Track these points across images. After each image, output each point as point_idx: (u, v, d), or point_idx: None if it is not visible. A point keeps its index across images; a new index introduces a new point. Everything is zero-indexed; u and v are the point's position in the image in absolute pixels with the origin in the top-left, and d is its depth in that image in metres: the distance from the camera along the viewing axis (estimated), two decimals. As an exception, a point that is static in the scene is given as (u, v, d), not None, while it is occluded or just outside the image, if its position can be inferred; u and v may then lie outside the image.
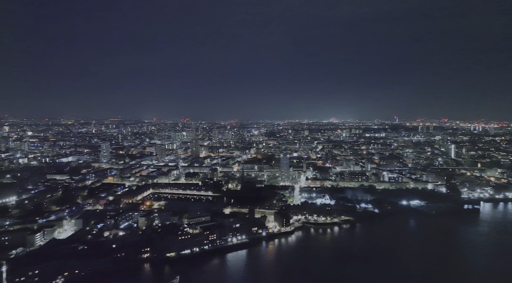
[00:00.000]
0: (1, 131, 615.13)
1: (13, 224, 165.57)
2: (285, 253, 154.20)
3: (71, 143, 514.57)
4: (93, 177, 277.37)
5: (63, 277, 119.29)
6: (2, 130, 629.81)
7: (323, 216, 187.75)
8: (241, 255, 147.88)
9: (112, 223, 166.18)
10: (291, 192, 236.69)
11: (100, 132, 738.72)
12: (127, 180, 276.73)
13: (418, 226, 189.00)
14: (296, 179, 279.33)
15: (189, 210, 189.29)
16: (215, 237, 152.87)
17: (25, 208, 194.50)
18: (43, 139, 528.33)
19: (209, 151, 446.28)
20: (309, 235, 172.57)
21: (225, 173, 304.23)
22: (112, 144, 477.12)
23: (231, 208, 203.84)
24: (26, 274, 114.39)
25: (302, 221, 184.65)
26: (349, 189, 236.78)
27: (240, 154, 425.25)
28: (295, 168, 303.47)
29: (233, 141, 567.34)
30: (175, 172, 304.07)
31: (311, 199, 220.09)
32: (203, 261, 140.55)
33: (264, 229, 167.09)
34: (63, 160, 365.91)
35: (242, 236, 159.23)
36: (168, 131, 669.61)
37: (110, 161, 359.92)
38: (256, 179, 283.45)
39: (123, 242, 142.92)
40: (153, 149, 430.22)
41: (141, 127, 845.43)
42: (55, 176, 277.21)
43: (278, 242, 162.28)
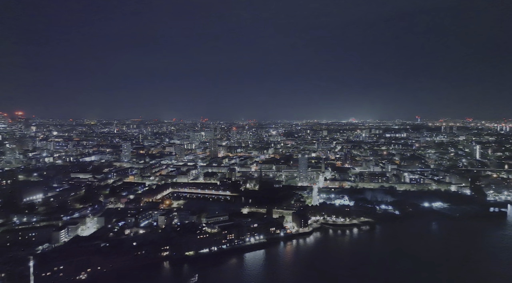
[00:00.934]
0: (29, 131, 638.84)
1: (40, 221, 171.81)
2: (303, 254, 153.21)
3: (93, 142, 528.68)
4: (114, 176, 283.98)
5: (86, 273, 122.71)
6: (30, 130, 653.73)
7: (342, 217, 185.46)
8: (259, 255, 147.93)
9: (133, 221, 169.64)
10: (309, 193, 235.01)
11: (121, 132, 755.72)
12: (147, 179, 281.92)
13: (441, 229, 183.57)
14: (315, 180, 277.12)
15: (207, 210, 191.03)
16: (233, 236, 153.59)
17: (50, 205, 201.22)
18: (67, 139, 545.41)
19: (227, 151, 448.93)
20: (328, 236, 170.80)
21: (243, 172, 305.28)
22: (133, 143, 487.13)
23: (249, 208, 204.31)
24: (52, 269, 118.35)
25: (321, 222, 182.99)
26: (368, 190, 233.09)
27: (258, 154, 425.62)
28: (313, 168, 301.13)
29: (251, 141, 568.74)
30: (194, 171, 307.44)
31: (330, 199, 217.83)
32: (221, 260, 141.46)
33: (282, 229, 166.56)
34: (86, 159, 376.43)
35: (260, 236, 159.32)
36: (187, 131, 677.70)
37: (131, 160, 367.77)
38: (274, 179, 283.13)
39: (143, 240, 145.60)
40: (172, 149, 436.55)
41: (161, 128, 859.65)
42: (78, 175, 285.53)
43: (296, 242, 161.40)
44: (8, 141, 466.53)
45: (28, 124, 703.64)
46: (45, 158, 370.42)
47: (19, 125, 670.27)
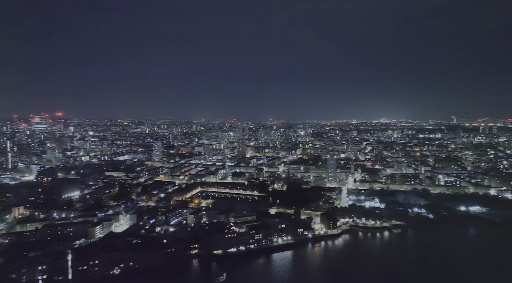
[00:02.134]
0: (67, 131, 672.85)
1: (77, 217, 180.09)
2: (331, 256, 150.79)
3: (127, 142, 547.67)
4: (146, 175, 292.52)
5: (119, 268, 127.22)
6: (68, 130, 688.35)
7: (372, 219, 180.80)
8: (287, 256, 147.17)
9: (163, 219, 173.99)
10: (338, 194, 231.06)
11: (152, 132, 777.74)
12: (177, 178, 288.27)
13: (479, 234, 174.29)
14: (344, 181, 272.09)
15: (235, 209, 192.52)
16: (261, 236, 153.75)
17: (86, 202, 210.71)
18: (102, 139, 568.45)
19: (255, 151, 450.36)
20: (357, 238, 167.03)
21: (270, 173, 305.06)
22: (163, 143, 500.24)
23: (276, 208, 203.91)
24: (88, 263, 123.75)
25: (350, 224, 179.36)
26: (400, 192, 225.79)
27: (286, 154, 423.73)
28: (342, 169, 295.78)
29: (279, 141, 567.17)
30: (222, 171, 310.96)
31: (359, 201, 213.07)
32: (249, 260, 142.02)
33: (310, 230, 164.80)
34: (120, 158, 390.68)
35: (287, 236, 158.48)
36: (216, 132, 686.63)
37: (161, 159, 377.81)
38: (302, 179, 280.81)
39: (173, 237, 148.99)
40: (201, 149, 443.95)
41: (190, 128, 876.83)
42: (112, 173, 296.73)
43: (325, 244, 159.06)
44: (49, 140, 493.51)
45: (66, 124, 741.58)
46: (82, 156, 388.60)
47: (59, 125, 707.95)
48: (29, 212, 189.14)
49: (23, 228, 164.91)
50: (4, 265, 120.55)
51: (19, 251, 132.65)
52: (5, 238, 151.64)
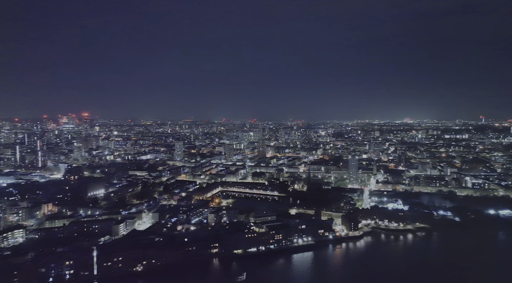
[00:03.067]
0: (93, 131, 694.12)
1: (102, 214, 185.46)
2: (353, 258, 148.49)
3: (149, 142, 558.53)
4: (168, 174, 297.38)
5: (142, 265, 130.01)
6: (94, 130, 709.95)
7: (395, 222, 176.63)
8: (307, 257, 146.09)
9: (185, 218, 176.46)
10: (360, 195, 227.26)
11: (174, 132, 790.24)
12: (198, 178, 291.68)
13: (510, 239, 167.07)
14: (366, 182, 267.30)
15: (255, 209, 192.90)
16: (281, 237, 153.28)
17: (111, 200, 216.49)
18: (126, 139, 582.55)
19: (276, 151, 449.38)
20: (380, 241, 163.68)
21: (291, 173, 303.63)
22: (185, 143, 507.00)
23: (296, 208, 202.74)
24: (112, 260, 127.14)
25: (372, 226, 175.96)
26: (425, 194, 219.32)
27: (307, 154, 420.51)
28: (364, 170, 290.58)
29: (300, 142, 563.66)
30: (242, 171, 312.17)
31: (382, 203, 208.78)
32: (269, 260, 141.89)
33: (331, 232, 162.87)
34: (143, 158, 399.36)
35: (308, 237, 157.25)
36: (236, 132, 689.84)
37: (183, 159, 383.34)
38: (322, 180, 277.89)
39: (194, 236, 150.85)
40: (222, 149, 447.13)
41: (211, 128, 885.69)
42: (135, 172, 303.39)
43: (346, 246, 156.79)
44: (76, 140, 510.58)
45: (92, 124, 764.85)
46: (106, 156, 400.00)
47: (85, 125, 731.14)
48: (57, 209, 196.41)
49: (51, 224, 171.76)
50: (35, 259, 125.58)
51: (48, 246, 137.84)
52: (35, 234, 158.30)
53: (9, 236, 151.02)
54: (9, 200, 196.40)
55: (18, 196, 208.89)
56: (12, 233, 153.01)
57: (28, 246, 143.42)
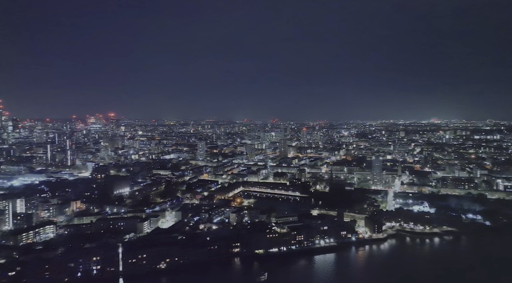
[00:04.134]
0: (119, 131, 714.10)
1: (127, 212, 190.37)
2: (376, 261, 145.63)
3: (172, 141, 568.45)
4: (190, 173, 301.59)
5: (165, 263, 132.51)
6: (120, 130, 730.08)
7: (421, 224, 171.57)
8: (329, 259, 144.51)
9: (207, 217, 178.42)
10: (384, 197, 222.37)
11: (197, 132, 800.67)
12: (220, 177, 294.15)
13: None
14: (390, 183, 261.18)
15: (277, 209, 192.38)
16: (303, 237, 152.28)
17: (135, 198, 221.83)
18: (150, 138, 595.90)
19: (297, 151, 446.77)
20: (404, 244, 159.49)
21: (313, 174, 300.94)
22: (207, 143, 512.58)
23: (318, 209, 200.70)
24: (136, 257, 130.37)
25: (396, 229, 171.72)
26: (452, 197, 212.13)
27: (329, 155, 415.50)
28: (388, 172, 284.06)
29: (322, 142, 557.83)
30: (264, 171, 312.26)
31: (407, 205, 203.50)
32: (291, 261, 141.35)
33: (354, 233, 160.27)
34: (166, 157, 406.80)
35: (330, 239, 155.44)
36: (258, 132, 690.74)
37: (205, 158, 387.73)
38: (345, 181, 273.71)
39: (216, 235, 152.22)
40: (243, 148, 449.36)
41: (233, 128, 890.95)
42: (159, 171, 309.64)
43: (369, 248, 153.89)
44: (103, 139, 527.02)
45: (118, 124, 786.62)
46: (131, 155, 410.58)
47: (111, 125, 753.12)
48: (85, 206, 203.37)
49: (80, 220, 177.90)
50: (64, 254, 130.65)
51: (77, 242, 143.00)
52: (65, 230, 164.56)
53: (41, 231, 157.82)
54: (41, 196, 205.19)
55: (49, 193, 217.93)
56: (44, 229, 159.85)
57: (58, 241, 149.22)
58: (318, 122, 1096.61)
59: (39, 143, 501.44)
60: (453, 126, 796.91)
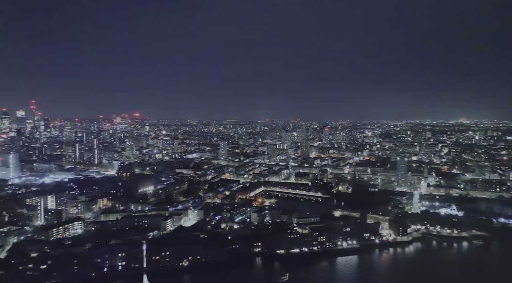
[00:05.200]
0: (144, 131, 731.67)
1: (151, 210, 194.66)
2: (401, 264, 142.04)
3: (195, 141, 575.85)
4: (212, 173, 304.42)
5: (187, 260, 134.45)
6: (144, 130, 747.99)
7: (448, 228, 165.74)
8: (352, 261, 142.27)
9: (228, 216, 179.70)
10: (409, 199, 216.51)
11: (219, 132, 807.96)
12: (241, 177, 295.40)
13: None
14: (415, 185, 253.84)
15: (298, 210, 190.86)
16: (325, 239, 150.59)
17: (159, 197, 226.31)
18: (173, 138, 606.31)
19: (319, 152, 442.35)
20: (431, 247, 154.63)
21: (335, 174, 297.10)
22: (229, 142, 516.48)
23: (341, 211, 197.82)
24: (160, 254, 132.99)
25: (422, 232, 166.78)
26: (482, 200, 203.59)
27: (352, 155, 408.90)
28: (414, 173, 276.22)
29: (344, 142, 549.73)
30: (286, 171, 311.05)
31: (433, 208, 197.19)
32: (312, 262, 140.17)
33: (378, 236, 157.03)
34: (189, 156, 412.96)
35: (352, 240, 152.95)
36: (280, 132, 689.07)
37: (227, 158, 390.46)
38: (368, 182, 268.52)
39: (237, 234, 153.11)
40: (265, 148, 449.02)
41: (254, 128, 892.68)
42: (182, 170, 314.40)
43: (393, 251, 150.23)
44: (128, 139, 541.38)
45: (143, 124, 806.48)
46: (155, 154, 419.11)
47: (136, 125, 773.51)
48: (111, 204, 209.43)
49: (106, 217, 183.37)
50: (91, 250, 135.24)
51: (103, 239, 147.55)
52: (92, 226, 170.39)
53: (70, 227, 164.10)
54: (70, 194, 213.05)
55: (77, 190, 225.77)
56: (73, 225, 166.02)
57: (86, 237, 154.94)
58: (341, 122, 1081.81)
59: (68, 142, 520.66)
60: (484, 127, 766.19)
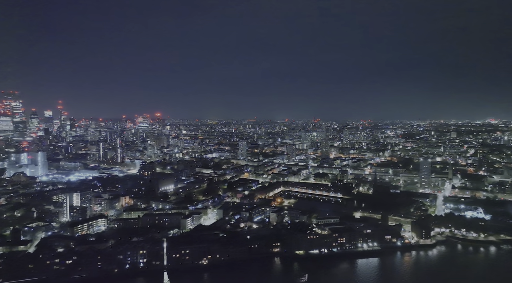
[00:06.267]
0: (164, 130, 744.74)
1: (171, 208, 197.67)
2: (424, 268, 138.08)
3: (215, 141, 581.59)
4: (232, 172, 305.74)
5: (207, 259, 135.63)
6: (165, 129, 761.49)
7: (475, 231, 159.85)
8: (373, 263, 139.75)
9: (247, 216, 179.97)
10: (432, 201, 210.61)
11: (238, 131, 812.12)
12: (260, 177, 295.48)
13: None
14: (439, 187, 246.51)
15: (317, 210, 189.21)
16: (344, 240, 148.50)
17: (179, 195, 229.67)
18: (193, 137, 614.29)
19: (339, 152, 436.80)
20: (455, 251, 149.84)
21: (355, 175, 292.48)
22: (248, 142, 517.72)
23: (361, 212, 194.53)
24: (180, 252, 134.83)
25: (446, 235, 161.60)
26: (511, 203, 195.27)
27: (373, 156, 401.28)
28: (438, 174, 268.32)
29: (365, 142, 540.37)
30: (305, 171, 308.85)
31: (458, 210, 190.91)
32: (332, 263, 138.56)
33: (399, 238, 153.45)
34: (208, 156, 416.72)
35: (373, 243, 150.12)
36: (299, 132, 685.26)
37: (246, 158, 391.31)
38: (390, 183, 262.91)
39: (256, 234, 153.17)
40: (284, 148, 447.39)
41: (274, 128, 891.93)
42: (202, 170, 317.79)
43: (416, 254, 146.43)
44: (149, 138, 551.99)
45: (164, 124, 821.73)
46: (176, 153, 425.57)
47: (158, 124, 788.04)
48: (133, 202, 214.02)
49: (128, 215, 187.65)
50: (114, 246, 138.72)
51: (125, 236, 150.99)
52: (114, 223, 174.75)
53: (94, 224, 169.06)
54: (94, 191, 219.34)
55: (101, 188, 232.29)
56: (96, 222, 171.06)
57: (109, 234, 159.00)
58: (362, 122, 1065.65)
59: (93, 141, 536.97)
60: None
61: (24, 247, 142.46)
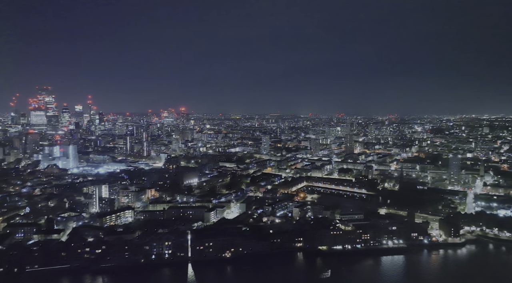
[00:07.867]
0: (189, 124, 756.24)
1: (195, 202, 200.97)
2: (452, 268, 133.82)
3: (238, 135, 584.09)
4: (255, 167, 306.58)
5: (230, 252, 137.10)
6: (189, 124, 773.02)
7: (508, 231, 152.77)
8: (398, 261, 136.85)
9: (270, 210, 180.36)
10: (462, 198, 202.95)
11: (261, 126, 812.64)
12: (283, 171, 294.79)
13: None
14: (470, 184, 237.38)
15: (341, 206, 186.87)
16: (369, 237, 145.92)
17: (203, 189, 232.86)
18: (217, 132, 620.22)
19: (364, 147, 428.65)
20: (487, 251, 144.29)
21: (381, 171, 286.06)
22: (271, 137, 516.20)
23: (386, 208, 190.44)
24: (203, 245, 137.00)
25: (477, 234, 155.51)
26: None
27: (399, 151, 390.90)
28: (468, 171, 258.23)
29: (391, 138, 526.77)
30: (328, 166, 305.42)
31: (490, 208, 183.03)
32: (355, 260, 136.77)
33: (426, 236, 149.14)
34: (232, 150, 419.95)
35: (399, 240, 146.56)
36: (323, 126, 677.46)
37: (269, 152, 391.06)
38: (417, 180, 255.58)
39: (279, 228, 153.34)
40: (307, 143, 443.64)
41: (297, 122, 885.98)
42: (225, 164, 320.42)
43: (444, 253, 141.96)
44: (174, 132, 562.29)
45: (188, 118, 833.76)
46: (200, 147, 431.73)
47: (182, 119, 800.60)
48: (158, 194, 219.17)
49: (154, 207, 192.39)
50: (141, 237, 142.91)
51: (151, 227, 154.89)
52: (141, 215, 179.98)
53: (121, 215, 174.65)
54: (121, 184, 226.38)
55: (128, 181, 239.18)
56: (124, 213, 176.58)
57: (135, 225, 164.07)
58: (388, 117, 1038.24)
59: (120, 135, 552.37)
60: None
61: (57, 236, 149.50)
